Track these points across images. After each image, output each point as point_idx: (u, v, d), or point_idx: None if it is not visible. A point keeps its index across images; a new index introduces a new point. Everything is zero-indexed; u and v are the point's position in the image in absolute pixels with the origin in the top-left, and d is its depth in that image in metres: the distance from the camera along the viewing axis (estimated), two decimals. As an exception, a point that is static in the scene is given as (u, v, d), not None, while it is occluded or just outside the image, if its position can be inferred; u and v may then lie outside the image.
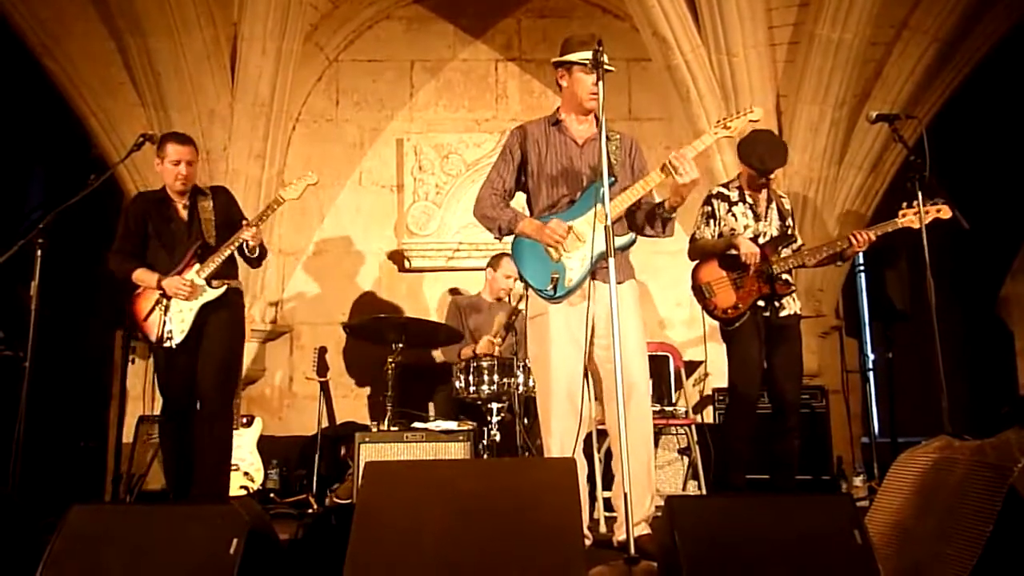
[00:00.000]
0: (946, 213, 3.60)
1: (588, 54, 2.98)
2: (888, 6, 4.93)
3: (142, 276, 3.74)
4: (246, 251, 3.76)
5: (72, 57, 5.33)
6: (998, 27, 5.16)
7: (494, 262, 5.13)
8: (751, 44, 5.02)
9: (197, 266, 3.71)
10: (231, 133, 5.38)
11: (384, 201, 5.97)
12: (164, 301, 3.66)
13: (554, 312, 3.10)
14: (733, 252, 3.76)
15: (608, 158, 2.94)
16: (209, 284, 3.71)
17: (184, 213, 3.83)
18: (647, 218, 3.17)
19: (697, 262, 3.91)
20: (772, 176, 3.85)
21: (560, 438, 3.05)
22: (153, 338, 3.68)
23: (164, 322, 3.63)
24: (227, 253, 3.69)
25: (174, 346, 3.63)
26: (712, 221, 3.90)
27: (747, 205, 3.88)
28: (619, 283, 2.72)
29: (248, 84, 5.34)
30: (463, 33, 6.12)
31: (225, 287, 3.73)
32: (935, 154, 3.40)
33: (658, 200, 3.15)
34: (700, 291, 3.85)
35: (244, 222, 3.75)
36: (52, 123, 5.66)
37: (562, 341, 3.08)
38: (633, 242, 3.19)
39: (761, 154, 3.75)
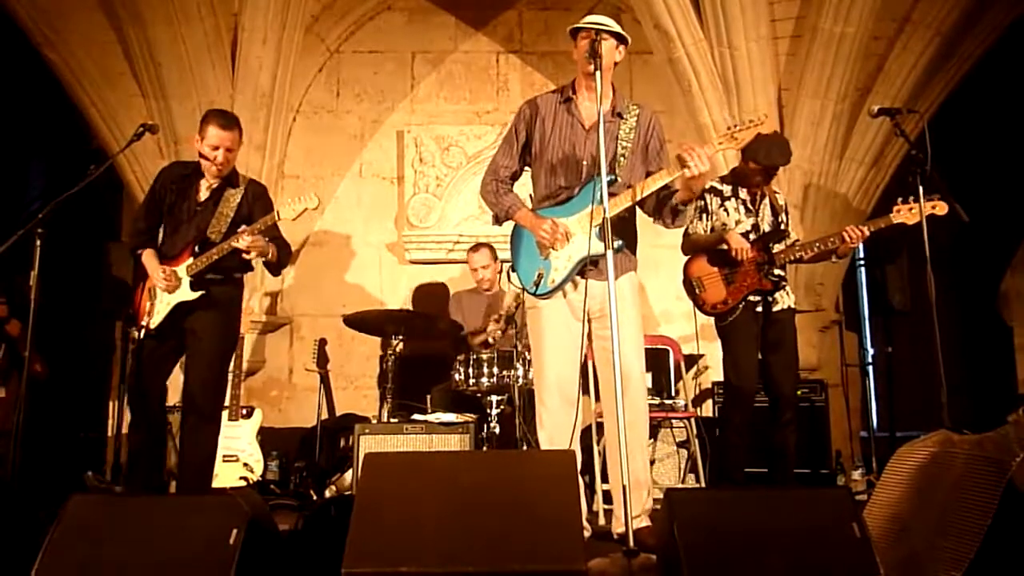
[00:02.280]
0: (942, 209, 3.53)
1: (588, 18, 3.06)
2: (890, 0, 4.91)
3: (145, 260, 3.59)
4: (267, 259, 3.59)
5: (72, 47, 5.30)
6: (1000, 21, 5.14)
7: (471, 250, 5.13)
8: (753, 37, 5.00)
9: (190, 260, 3.48)
10: (232, 124, 5.37)
11: (384, 193, 5.96)
12: (152, 286, 3.52)
13: (548, 304, 3.10)
14: (724, 247, 3.75)
15: (616, 147, 2.91)
16: (192, 284, 3.46)
17: (203, 195, 3.58)
18: (658, 207, 3.14)
19: (689, 257, 3.91)
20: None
21: (550, 430, 3.07)
22: (137, 323, 3.53)
23: (147, 307, 3.50)
24: (216, 257, 3.45)
25: (139, 333, 3.48)
26: (704, 215, 3.88)
27: (739, 200, 3.87)
28: (614, 279, 2.70)
29: (249, 75, 5.32)
30: (464, 25, 6.09)
31: (200, 293, 3.46)
32: (936, 148, 3.39)
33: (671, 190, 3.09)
34: (690, 285, 3.86)
35: (239, 229, 3.48)
36: (52, 114, 5.66)
37: (555, 334, 3.09)
38: (621, 248, 3.02)
39: (767, 150, 3.72)
